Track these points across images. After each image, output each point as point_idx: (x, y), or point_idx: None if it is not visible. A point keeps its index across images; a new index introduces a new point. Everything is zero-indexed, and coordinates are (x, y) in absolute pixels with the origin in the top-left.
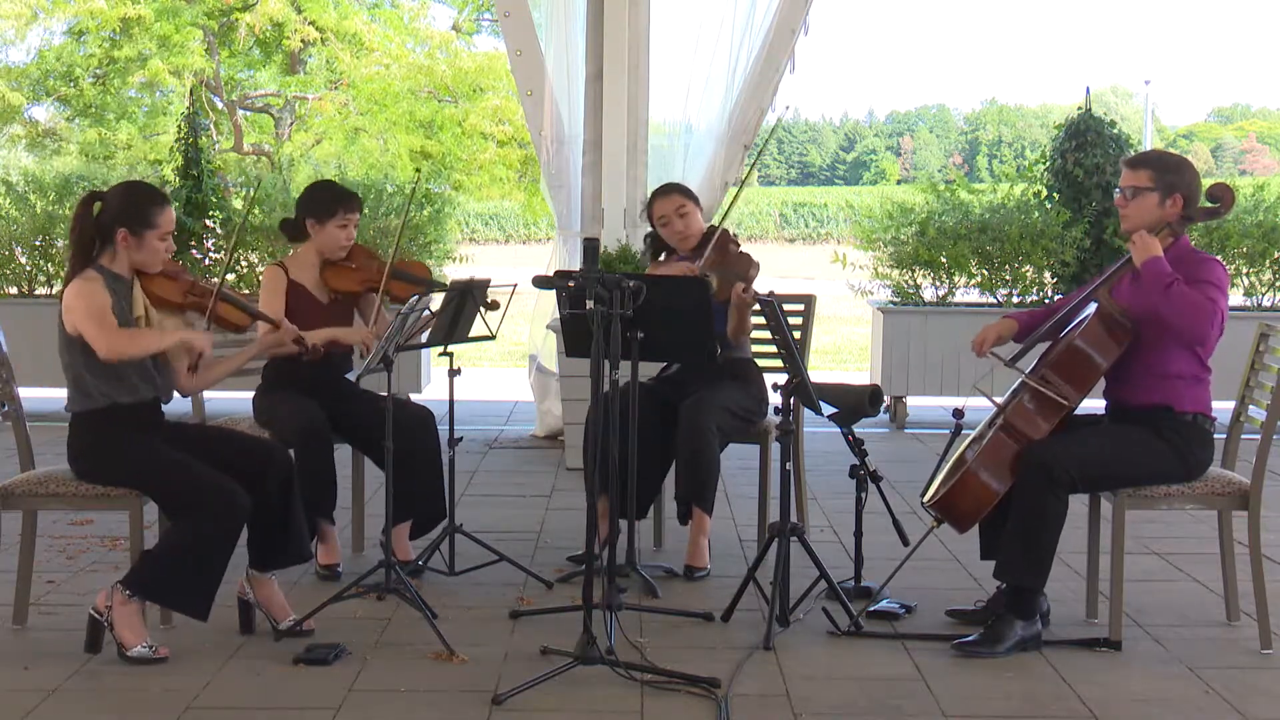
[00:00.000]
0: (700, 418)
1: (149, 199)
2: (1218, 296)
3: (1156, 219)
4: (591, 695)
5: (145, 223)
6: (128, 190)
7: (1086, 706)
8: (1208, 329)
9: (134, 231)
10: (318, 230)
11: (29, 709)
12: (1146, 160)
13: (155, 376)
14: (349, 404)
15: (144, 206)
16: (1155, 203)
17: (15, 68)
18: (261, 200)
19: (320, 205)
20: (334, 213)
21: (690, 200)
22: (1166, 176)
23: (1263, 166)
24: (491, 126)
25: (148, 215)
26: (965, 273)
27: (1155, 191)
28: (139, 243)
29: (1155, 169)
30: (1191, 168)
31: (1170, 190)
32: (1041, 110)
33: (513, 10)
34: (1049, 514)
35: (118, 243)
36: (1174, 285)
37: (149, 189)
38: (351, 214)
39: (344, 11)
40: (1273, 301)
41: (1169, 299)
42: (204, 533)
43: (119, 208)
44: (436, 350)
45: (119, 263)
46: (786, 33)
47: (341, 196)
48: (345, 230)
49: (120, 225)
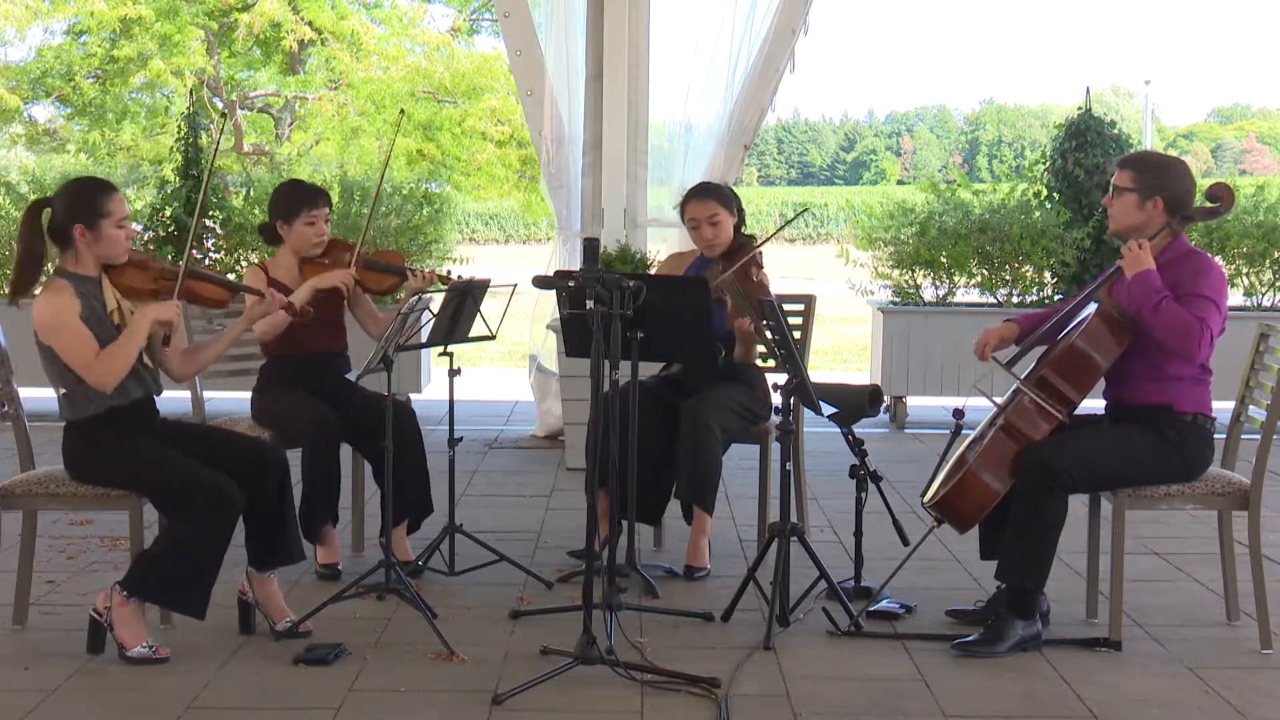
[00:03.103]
0: (702, 416)
1: (96, 189)
2: (1210, 313)
3: (1139, 220)
4: (591, 695)
5: (97, 212)
6: (74, 187)
7: (1086, 706)
8: (1195, 350)
9: (89, 225)
10: (288, 231)
11: (29, 709)
12: (1132, 161)
13: (143, 373)
14: (345, 404)
15: (92, 197)
16: (1135, 204)
17: (15, 67)
18: (261, 200)
19: (285, 205)
20: (299, 211)
21: (725, 208)
22: (1148, 179)
23: (1263, 166)
24: (490, 127)
25: (98, 205)
26: (965, 273)
27: (1135, 193)
28: (96, 235)
29: (1138, 170)
30: (1179, 171)
31: (1151, 193)
32: (1041, 110)
33: (512, 10)
34: (1049, 514)
35: (76, 241)
36: (1163, 304)
37: (94, 180)
38: (318, 210)
39: (341, 12)
40: (1273, 301)
41: (1158, 317)
42: (198, 532)
43: (68, 205)
44: (436, 350)
45: (83, 263)
46: (786, 33)
47: (305, 194)
48: (314, 227)
49: (74, 222)
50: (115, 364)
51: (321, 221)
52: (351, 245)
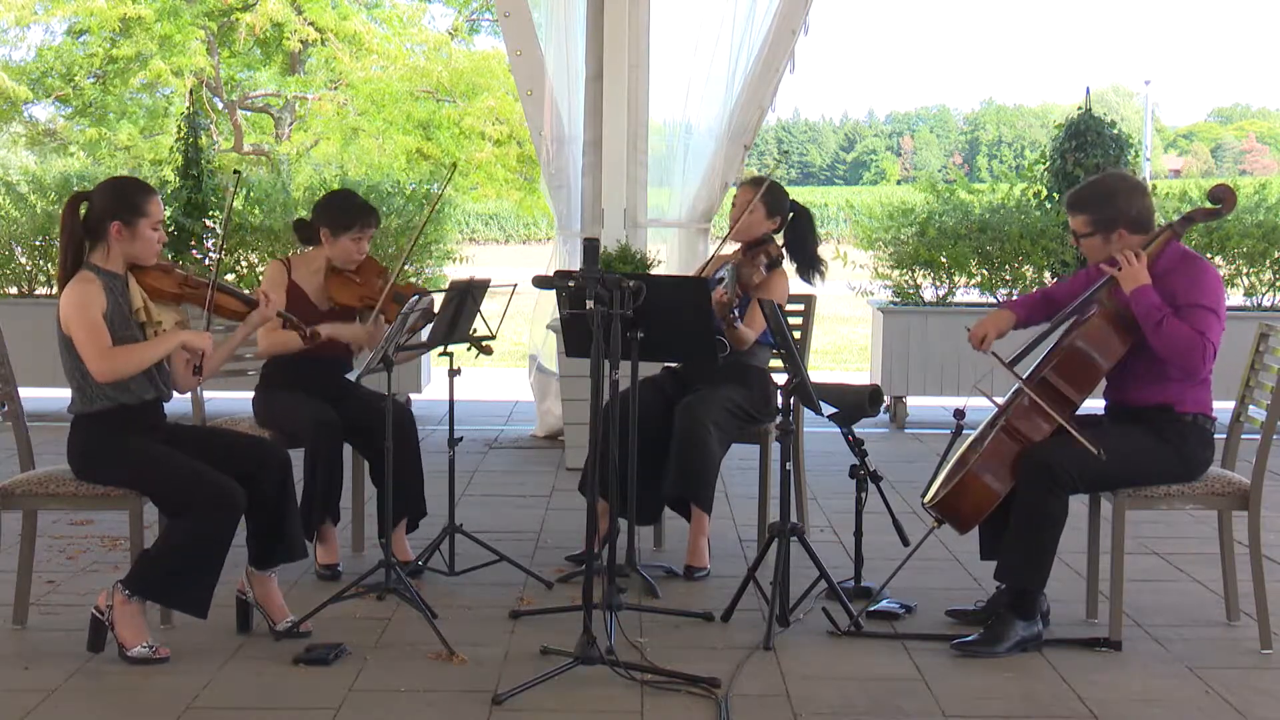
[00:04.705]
0: (696, 411)
1: (137, 189)
2: (1210, 324)
3: (1113, 252)
4: (591, 695)
5: (137, 211)
6: (114, 184)
7: (1086, 706)
8: (1199, 365)
9: (127, 222)
10: (331, 241)
11: (29, 709)
12: (1079, 201)
13: (156, 377)
14: (345, 404)
15: (133, 196)
16: (1100, 243)
17: (15, 66)
18: (261, 200)
19: (338, 217)
20: (350, 226)
21: (764, 204)
22: (1101, 214)
23: (1263, 166)
24: (489, 126)
25: (138, 204)
26: (965, 273)
27: (1095, 235)
28: (133, 233)
29: (1089, 211)
30: (1126, 192)
31: (1110, 226)
32: (1041, 110)
33: (512, 10)
34: (1050, 514)
35: (111, 237)
36: (1164, 323)
37: (135, 181)
38: (368, 229)
39: (343, 12)
40: (1273, 301)
41: (1160, 337)
42: (200, 531)
43: (108, 202)
44: (436, 350)
45: (113, 259)
46: (786, 33)
47: (360, 211)
48: (359, 244)
49: (112, 218)
50: (124, 363)
51: (366, 240)
52: (383, 269)
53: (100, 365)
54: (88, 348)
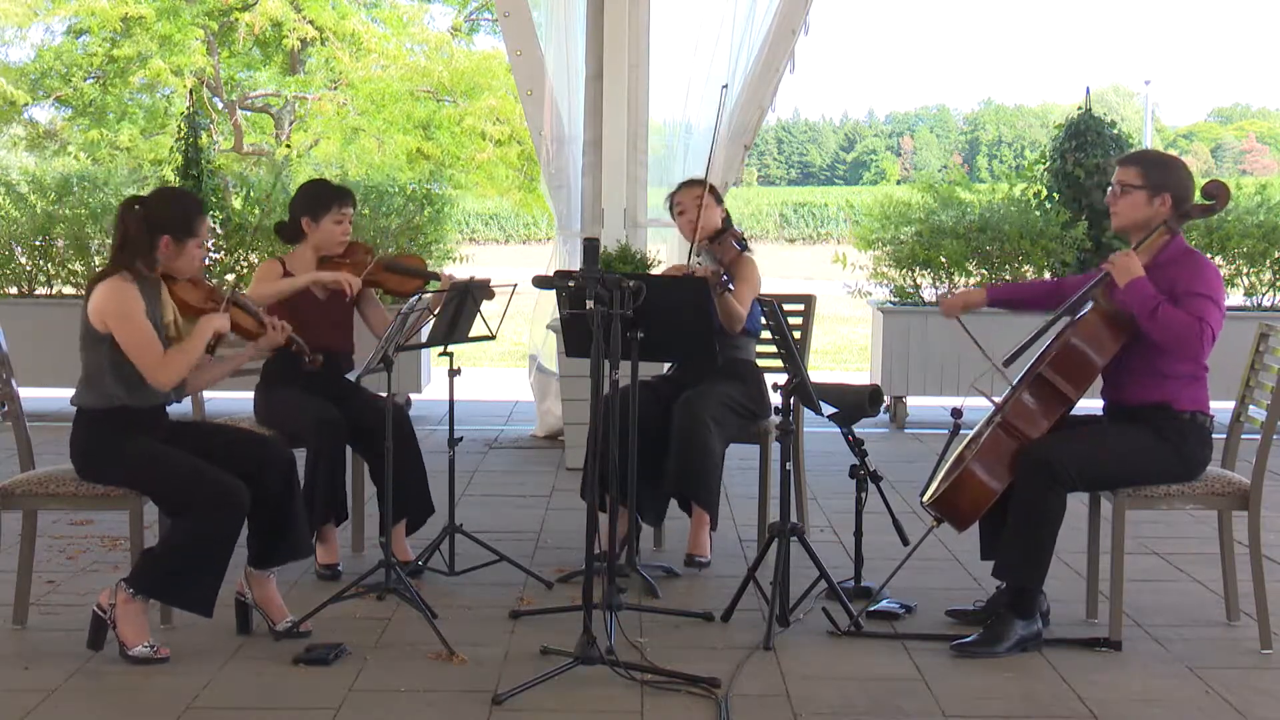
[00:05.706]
0: (695, 407)
1: (194, 207)
2: (1208, 310)
3: (1146, 217)
4: (591, 695)
5: (189, 231)
6: (173, 197)
7: (1086, 706)
8: (1198, 348)
9: (177, 239)
10: (313, 228)
11: (29, 709)
12: (1137, 158)
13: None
14: (346, 404)
15: (189, 215)
16: (1144, 200)
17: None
18: (261, 200)
19: (315, 202)
20: (328, 208)
21: (712, 195)
22: (1155, 175)
23: (1263, 166)
24: (489, 126)
25: (192, 224)
26: (965, 272)
27: (1144, 189)
28: (180, 250)
29: (1144, 166)
30: (1182, 168)
31: (1159, 189)
32: (1041, 110)
33: (512, 10)
34: (1049, 512)
35: (160, 248)
36: (1160, 309)
37: (190, 197)
38: (346, 209)
39: (342, 11)
40: (1273, 301)
41: (1155, 323)
42: (201, 530)
43: (165, 215)
44: (436, 350)
45: (153, 267)
46: (786, 33)
47: (336, 192)
48: (341, 226)
49: (165, 232)
50: (179, 366)
51: (347, 221)
52: (370, 248)
53: (159, 376)
54: (145, 356)
